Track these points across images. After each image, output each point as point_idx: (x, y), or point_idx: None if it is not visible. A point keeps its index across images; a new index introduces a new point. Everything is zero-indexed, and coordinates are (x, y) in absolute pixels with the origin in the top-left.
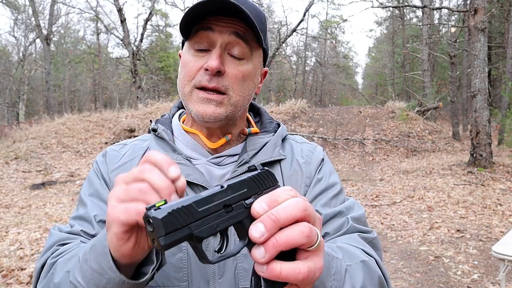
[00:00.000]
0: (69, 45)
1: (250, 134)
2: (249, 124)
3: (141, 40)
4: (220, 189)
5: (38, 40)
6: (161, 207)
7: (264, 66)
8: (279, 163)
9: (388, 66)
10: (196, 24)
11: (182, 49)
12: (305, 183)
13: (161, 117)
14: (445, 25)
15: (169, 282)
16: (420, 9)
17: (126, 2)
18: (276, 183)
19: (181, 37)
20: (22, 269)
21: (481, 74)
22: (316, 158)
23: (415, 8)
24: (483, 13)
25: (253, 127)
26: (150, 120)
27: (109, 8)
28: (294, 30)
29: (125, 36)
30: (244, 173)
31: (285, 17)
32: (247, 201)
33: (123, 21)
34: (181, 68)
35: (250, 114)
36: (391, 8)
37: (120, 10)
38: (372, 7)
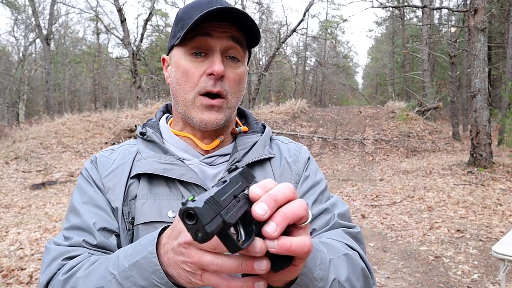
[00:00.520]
0: (69, 44)
1: (240, 134)
2: (237, 124)
3: (141, 40)
4: (227, 182)
5: (38, 40)
6: (195, 199)
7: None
8: (269, 161)
9: (388, 66)
10: (192, 29)
11: (169, 54)
12: (294, 180)
13: (147, 121)
14: (445, 25)
15: None
16: (420, 9)
17: (126, 2)
18: (254, 178)
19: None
20: (22, 269)
21: (481, 74)
22: (303, 157)
23: (415, 8)
24: (483, 13)
25: (242, 127)
26: (135, 125)
27: (109, 8)
28: (294, 30)
29: (125, 36)
30: (231, 172)
31: (285, 17)
32: (245, 192)
33: (123, 21)
34: (180, 75)
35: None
36: (391, 8)
37: (120, 10)
38: (372, 7)
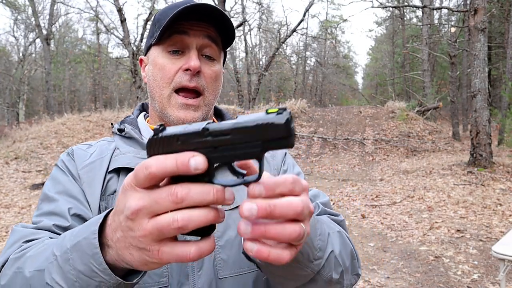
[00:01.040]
0: (69, 44)
1: None
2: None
3: (141, 40)
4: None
5: (38, 40)
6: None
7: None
8: None
9: (388, 66)
10: (169, 28)
11: (147, 54)
12: (273, 174)
13: (125, 118)
14: (445, 25)
15: (149, 278)
16: (420, 9)
17: (126, 2)
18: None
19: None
20: None
21: (481, 74)
22: (280, 152)
23: (415, 8)
24: (483, 13)
25: None
26: (111, 124)
27: (109, 8)
28: (294, 30)
29: (125, 36)
30: None
31: (285, 17)
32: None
33: (123, 21)
34: (157, 71)
35: None
36: (391, 8)
37: (120, 10)
38: (372, 7)
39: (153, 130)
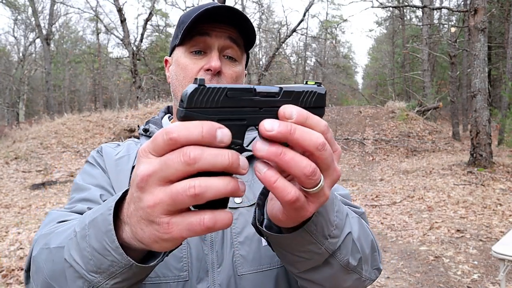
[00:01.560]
0: (69, 44)
1: None
2: None
3: (141, 40)
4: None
5: (38, 40)
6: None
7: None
8: None
9: (388, 66)
10: (191, 29)
11: (171, 55)
12: None
13: (150, 119)
14: (445, 25)
15: (169, 272)
16: (420, 9)
17: (126, 2)
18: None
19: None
20: (22, 269)
21: (481, 74)
22: None
23: (415, 8)
24: (483, 13)
25: None
26: (138, 126)
27: (109, 8)
28: (294, 30)
29: (125, 36)
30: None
31: (285, 17)
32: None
33: (123, 21)
34: (179, 71)
35: None
36: (391, 8)
37: (120, 10)
38: (372, 7)
39: (194, 81)
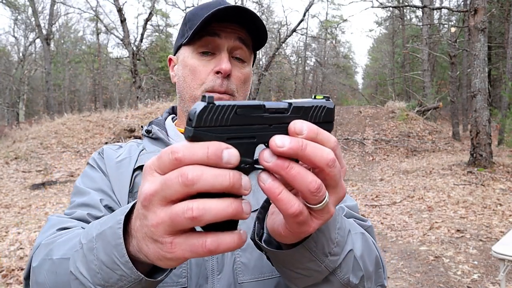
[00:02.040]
0: (69, 44)
1: None
2: None
3: (141, 40)
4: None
5: (38, 40)
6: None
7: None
8: None
9: (388, 66)
10: (200, 29)
11: (176, 54)
12: None
13: (153, 120)
14: (445, 25)
15: (168, 278)
16: (420, 9)
17: (126, 2)
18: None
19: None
20: (22, 269)
21: (481, 74)
22: None
23: (415, 8)
24: (483, 13)
25: None
26: (141, 126)
27: (109, 8)
28: (294, 30)
29: (125, 36)
30: None
31: (285, 17)
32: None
33: (123, 21)
34: (187, 72)
35: None
36: (391, 8)
37: (120, 10)
38: (372, 7)
39: (202, 99)
